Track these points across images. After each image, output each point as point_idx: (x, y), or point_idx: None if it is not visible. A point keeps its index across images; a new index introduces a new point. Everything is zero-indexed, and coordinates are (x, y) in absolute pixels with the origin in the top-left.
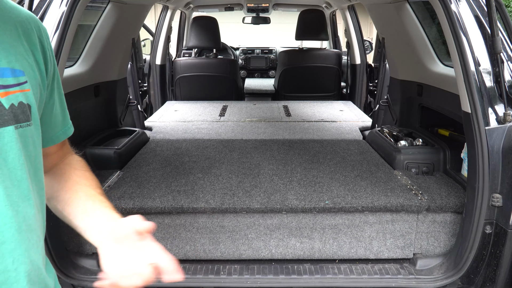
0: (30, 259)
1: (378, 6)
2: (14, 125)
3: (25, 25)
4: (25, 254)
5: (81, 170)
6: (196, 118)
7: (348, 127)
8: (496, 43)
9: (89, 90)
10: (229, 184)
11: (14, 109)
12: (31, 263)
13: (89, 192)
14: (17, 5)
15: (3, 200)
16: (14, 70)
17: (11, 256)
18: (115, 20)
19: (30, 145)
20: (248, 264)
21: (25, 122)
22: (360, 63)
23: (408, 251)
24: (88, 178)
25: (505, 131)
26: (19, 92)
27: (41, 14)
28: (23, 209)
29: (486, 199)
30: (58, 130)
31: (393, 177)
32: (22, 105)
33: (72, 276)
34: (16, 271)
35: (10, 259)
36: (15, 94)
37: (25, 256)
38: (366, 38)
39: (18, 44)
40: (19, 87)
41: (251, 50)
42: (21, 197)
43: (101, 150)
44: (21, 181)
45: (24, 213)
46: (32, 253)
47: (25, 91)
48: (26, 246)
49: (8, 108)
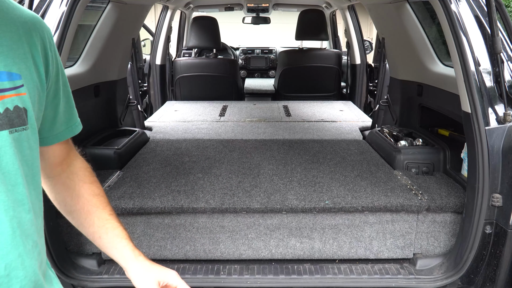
0: (24, 265)
1: (378, 6)
2: (8, 130)
3: (27, 26)
4: (19, 260)
5: (89, 183)
6: (196, 118)
7: (348, 127)
8: (496, 43)
9: (89, 90)
10: (229, 184)
11: (9, 113)
12: (24, 269)
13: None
14: (21, 6)
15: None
16: (10, 73)
17: (4, 262)
18: (115, 20)
19: (26, 149)
20: (248, 264)
21: (21, 126)
22: (360, 63)
23: (408, 251)
24: (98, 195)
25: (505, 131)
26: (15, 96)
27: (41, 14)
28: (18, 214)
29: (486, 199)
30: (64, 128)
31: (393, 177)
32: (17, 109)
33: (72, 276)
34: (8, 277)
35: (2, 264)
36: (10, 98)
37: (18, 262)
38: (366, 38)
39: (17, 47)
40: (15, 91)
41: (251, 50)
42: (15, 202)
43: (101, 150)
44: (15, 186)
45: (19, 218)
46: (26, 259)
47: (21, 94)
48: (20, 251)
49: (2, 112)
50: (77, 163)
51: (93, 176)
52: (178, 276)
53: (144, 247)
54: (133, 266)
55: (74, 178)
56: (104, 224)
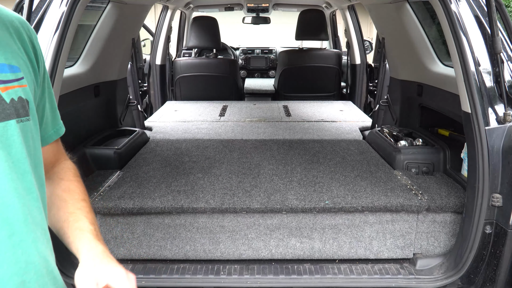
0: (38, 250)
1: (378, 6)
2: (16, 119)
3: (15, 25)
4: (33, 245)
5: (67, 181)
6: (196, 118)
7: (348, 127)
8: (496, 43)
9: (89, 90)
10: (229, 184)
11: (15, 104)
12: (38, 254)
13: (69, 210)
14: (3, 7)
15: (11, 192)
16: (11, 66)
17: (20, 248)
18: (115, 20)
19: (30, 139)
20: (248, 264)
21: (25, 117)
22: (360, 63)
23: (408, 251)
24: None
25: (505, 131)
26: (18, 87)
27: (41, 14)
28: (28, 202)
29: (486, 199)
30: (50, 130)
31: (393, 177)
32: (21, 100)
33: (72, 276)
34: (25, 263)
35: (19, 250)
36: (14, 89)
37: (32, 248)
38: (366, 38)
39: (11, 42)
40: (17, 82)
41: (251, 50)
42: (25, 190)
43: (101, 150)
44: (24, 174)
45: (29, 206)
46: (39, 245)
47: (23, 86)
48: (32, 238)
49: (9, 102)
50: (62, 164)
51: (75, 176)
52: (124, 277)
53: (144, 247)
54: (81, 261)
55: (54, 177)
56: (67, 217)
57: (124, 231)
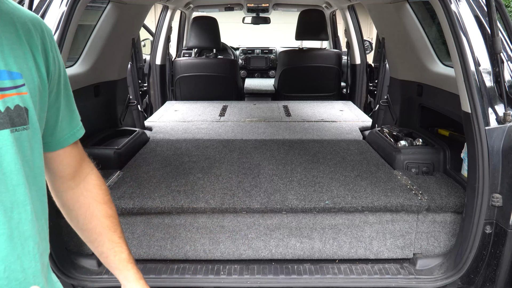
0: (23, 267)
1: (378, 6)
2: (9, 129)
3: (27, 27)
4: (18, 261)
5: (103, 204)
6: (196, 118)
7: (348, 127)
8: (496, 43)
9: (89, 90)
10: (229, 184)
11: (10, 112)
12: (23, 271)
13: (113, 239)
14: (20, 6)
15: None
16: (11, 72)
17: (3, 264)
18: (115, 20)
19: (27, 149)
20: (248, 264)
21: (22, 126)
22: (360, 63)
23: (408, 251)
24: (110, 216)
25: (505, 131)
26: (16, 95)
27: (41, 14)
28: (17, 215)
29: (486, 199)
30: (66, 133)
31: (393, 177)
32: (18, 108)
33: (72, 276)
34: (7, 279)
35: (2, 266)
36: (11, 97)
37: (17, 264)
38: (366, 38)
39: (17, 46)
40: (15, 90)
41: (251, 50)
42: (16, 203)
43: (101, 150)
44: (16, 186)
45: (18, 219)
46: (25, 261)
47: (22, 94)
48: (18, 253)
49: (3, 111)
50: (91, 180)
51: (107, 195)
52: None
53: (144, 247)
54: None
55: (88, 196)
56: (113, 247)
57: (124, 231)
